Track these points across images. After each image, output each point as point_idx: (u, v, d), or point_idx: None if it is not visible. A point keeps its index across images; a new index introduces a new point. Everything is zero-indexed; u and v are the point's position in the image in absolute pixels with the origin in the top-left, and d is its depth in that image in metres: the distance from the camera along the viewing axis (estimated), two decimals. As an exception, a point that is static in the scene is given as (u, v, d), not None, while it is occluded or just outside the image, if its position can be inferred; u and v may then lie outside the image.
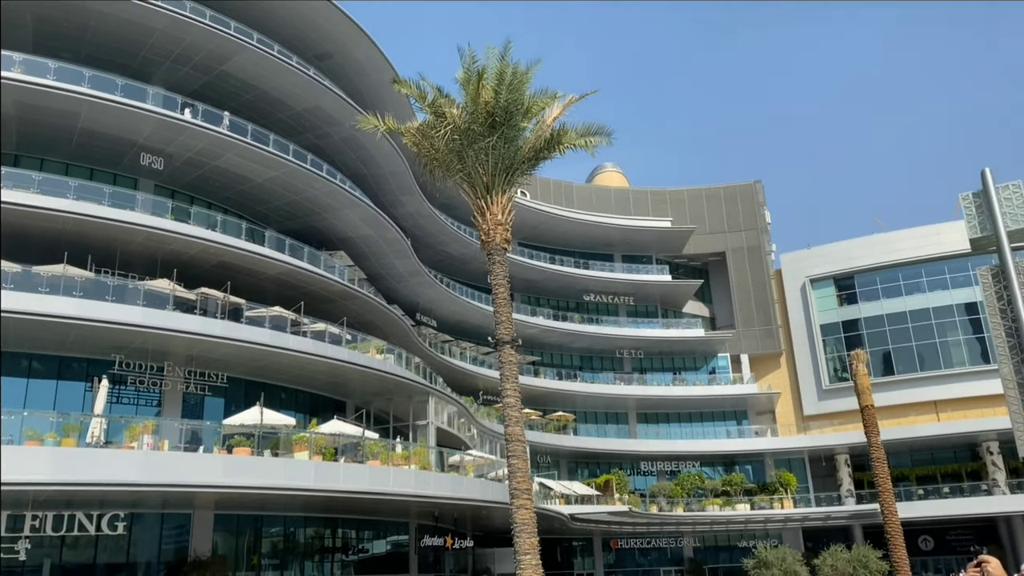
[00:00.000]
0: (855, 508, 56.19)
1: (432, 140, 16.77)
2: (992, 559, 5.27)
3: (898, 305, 64.88)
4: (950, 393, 60.52)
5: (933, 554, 58.66)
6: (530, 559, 15.16)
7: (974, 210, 10.20)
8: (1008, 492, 54.87)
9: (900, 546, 27.01)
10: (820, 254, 69.00)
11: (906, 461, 60.87)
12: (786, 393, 66.72)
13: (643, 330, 65.40)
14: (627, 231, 66.35)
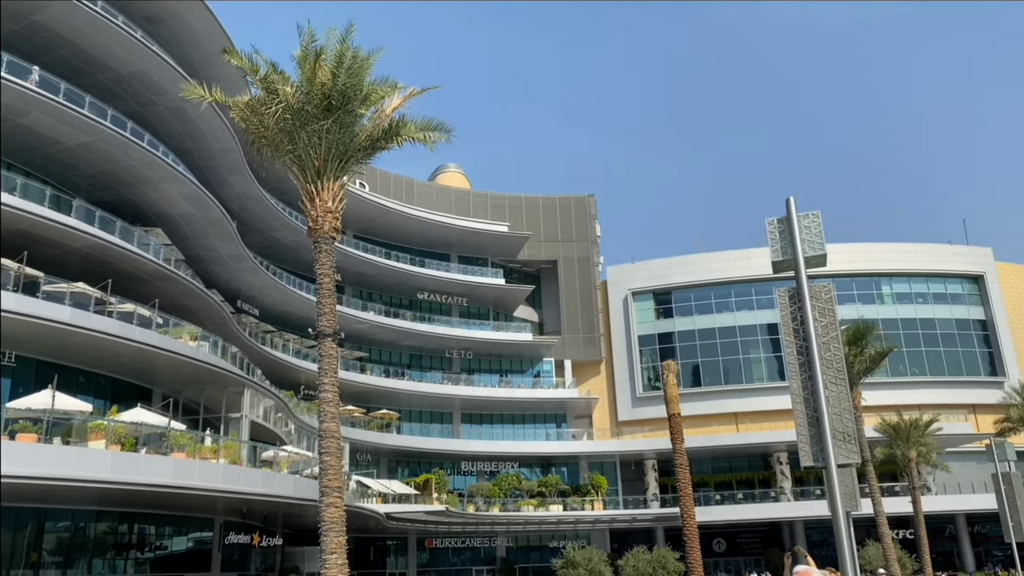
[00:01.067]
0: (659, 511, 59.36)
1: (262, 117, 15.94)
2: None
3: (709, 322, 69.39)
4: (749, 406, 65.42)
5: (725, 555, 63.05)
6: (336, 558, 14.73)
7: (777, 235, 10.90)
8: (793, 499, 59.94)
9: (696, 548, 28.73)
10: (643, 269, 72.59)
11: (707, 468, 65.07)
12: (604, 399, 69.53)
13: (474, 331, 65.95)
14: (465, 232, 66.70)
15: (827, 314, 10.48)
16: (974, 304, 72.56)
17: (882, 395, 58.17)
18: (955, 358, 69.88)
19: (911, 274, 71.46)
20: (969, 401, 67.35)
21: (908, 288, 71.65)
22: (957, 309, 71.94)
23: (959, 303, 72.28)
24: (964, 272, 72.76)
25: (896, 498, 51.73)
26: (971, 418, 66.03)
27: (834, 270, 66.91)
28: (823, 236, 10.72)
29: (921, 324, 70.36)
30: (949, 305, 71.80)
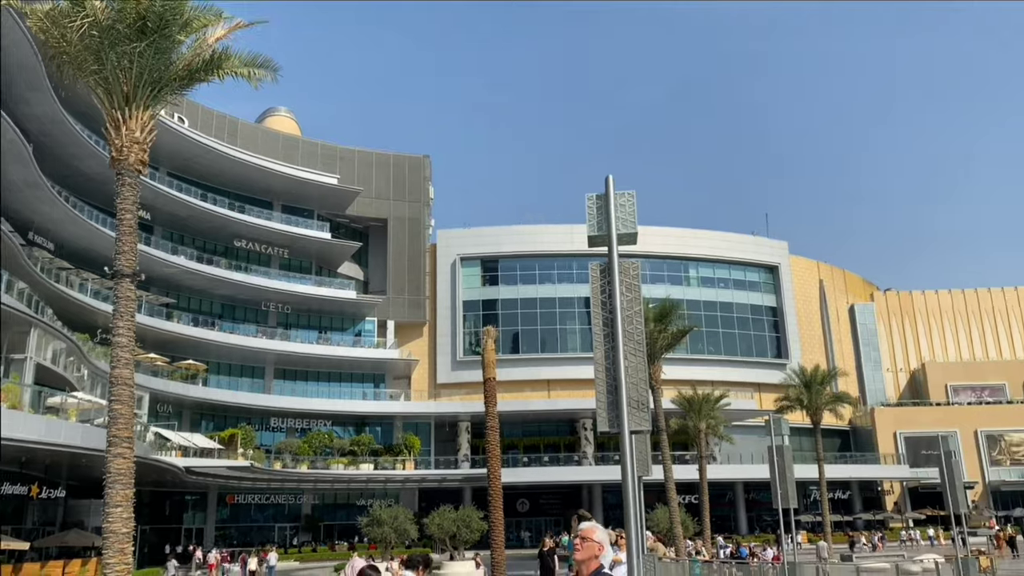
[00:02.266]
0: (468, 472, 60.73)
1: (65, 31, 14.39)
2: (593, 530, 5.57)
3: (531, 291, 71.34)
4: (562, 374, 68.09)
5: (528, 515, 65.66)
6: (121, 512, 13.85)
7: (595, 211, 11.25)
8: (594, 463, 63.29)
9: (499, 507, 29.66)
10: (473, 235, 73.26)
11: (518, 431, 67.25)
12: (424, 361, 69.84)
13: (294, 285, 63.92)
14: (291, 181, 64.19)
15: (633, 289, 10.99)
16: (768, 292, 79.29)
17: (681, 370, 62.42)
18: (747, 340, 76.18)
19: (716, 260, 76.87)
20: (756, 380, 73.82)
21: (712, 273, 77.05)
22: (753, 296, 78.32)
23: (755, 290, 78.70)
24: (762, 262, 79.23)
25: (686, 466, 55.89)
26: (756, 396, 72.45)
27: (649, 251, 70.71)
28: (636, 215, 11.19)
29: (721, 307, 76.01)
30: (747, 291, 78.04)
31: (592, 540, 5.34)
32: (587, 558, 5.33)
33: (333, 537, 59.34)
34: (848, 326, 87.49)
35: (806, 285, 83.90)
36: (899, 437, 76.72)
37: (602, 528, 5.60)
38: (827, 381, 58.46)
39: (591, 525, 5.55)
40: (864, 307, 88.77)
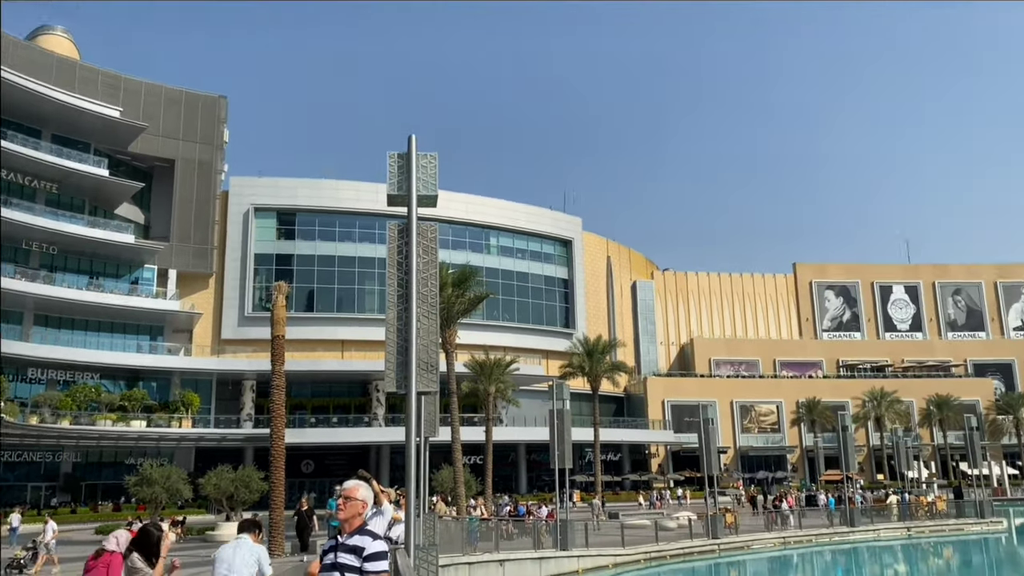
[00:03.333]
0: (251, 431, 58.64)
1: None
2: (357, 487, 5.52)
3: (330, 249, 69.57)
4: (357, 335, 67.25)
5: (313, 476, 64.59)
6: None
7: (396, 170, 11.12)
8: (384, 425, 63.35)
9: (280, 468, 29.00)
10: (270, 185, 70.02)
11: (307, 392, 65.79)
12: (209, 315, 66.19)
13: (63, 224, 57.96)
14: (65, 108, 57.89)
15: (430, 252, 11.03)
16: (561, 265, 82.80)
17: (476, 335, 63.79)
18: (539, 310, 79.26)
19: (516, 231, 78.99)
20: (544, 347, 77.07)
21: (511, 243, 79.16)
22: (547, 267, 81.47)
23: (550, 262, 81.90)
24: (558, 236, 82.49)
25: (473, 427, 57.37)
26: (544, 362, 75.71)
27: (452, 216, 71.28)
28: (437, 178, 11.20)
29: (517, 276, 78.39)
30: (542, 263, 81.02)
31: (355, 499, 5.36)
32: (350, 516, 5.35)
33: (96, 497, 55.16)
34: (630, 301, 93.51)
35: (595, 260, 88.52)
36: (667, 405, 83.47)
37: (366, 486, 5.60)
38: (608, 351, 62.34)
39: (354, 483, 5.55)
40: (645, 284, 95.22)
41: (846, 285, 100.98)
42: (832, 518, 45.01)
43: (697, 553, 35.53)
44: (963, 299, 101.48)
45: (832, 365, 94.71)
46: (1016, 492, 74.98)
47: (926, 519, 47.43)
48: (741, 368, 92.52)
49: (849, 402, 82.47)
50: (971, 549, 42.88)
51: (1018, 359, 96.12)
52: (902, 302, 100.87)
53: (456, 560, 25.74)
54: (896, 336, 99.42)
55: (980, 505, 49.15)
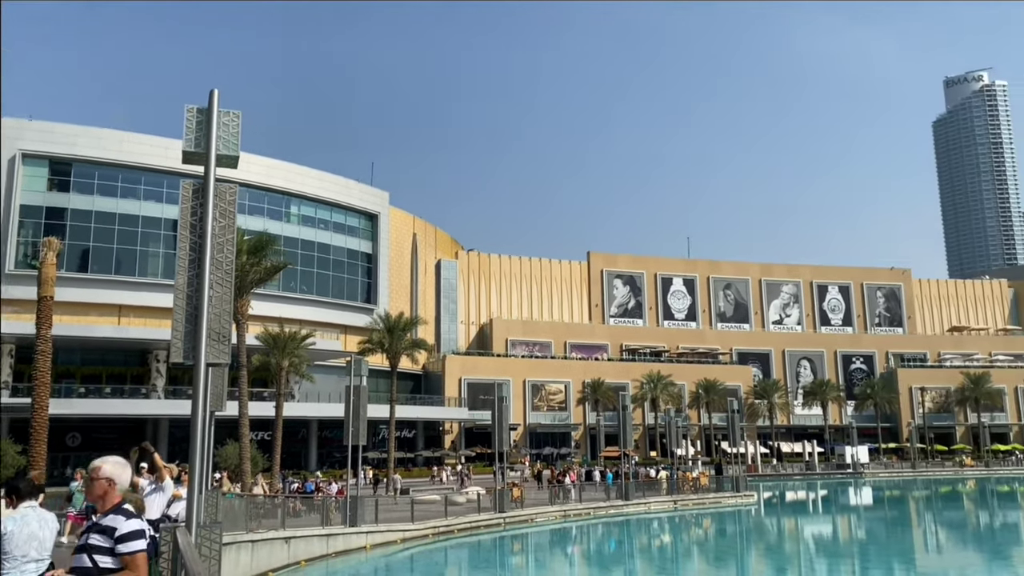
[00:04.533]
0: (8, 401, 52.79)
1: None
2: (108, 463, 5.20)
3: (111, 205, 63.91)
4: (138, 300, 62.43)
5: (80, 450, 59.29)
6: None
7: (195, 125, 10.37)
8: (164, 397, 59.41)
9: (42, 441, 26.43)
10: (43, 130, 63.02)
11: (77, 359, 60.27)
12: (-40, 270, 58.63)
13: None
14: None
15: (228, 215, 10.39)
16: (365, 239, 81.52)
17: (271, 306, 61.37)
18: (340, 283, 77.64)
19: (320, 201, 76.67)
20: (344, 322, 75.68)
21: (314, 213, 76.76)
22: (351, 240, 79.90)
23: (354, 235, 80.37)
24: (364, 209, 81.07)
25: (264, 403, 55.32)
26: (342, 337, 74.34)
27: (250, 180, 67.85)
28: (239, 138, 10.56)
29: (319, 248, 76.21)
30: (345, 236, 79.31)
31: (99, 479, 5.09)
32: (98, 496, 5.08)
33: None
34: (433, 279, 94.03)
35: (401, 237, 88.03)
36: (464, 383, 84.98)
37: (114, 462, 5.29)
38: (409, 328, 62.26)
39: (99, 461, 5.24)
40: (449, 263, 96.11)
41: (633, 275, 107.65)
42: (609, 492, 48.06)
43: (484, 527, 36.61)
44: (732, 293, 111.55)
45: (617, 349, 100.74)
46: (766, 469, 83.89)
47: (691, 493, 51.92)
48: (535, 349, 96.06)
49: (629, 383, 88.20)
50: (727, 519, 47.49)
51: (775, 349, 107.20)
52: (680, 293, 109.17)
53: (239, 538, 24.77)
54: (674, 324, 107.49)
55: (736, 480, 54.56)
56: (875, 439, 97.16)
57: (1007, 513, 56.96)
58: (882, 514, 56.74)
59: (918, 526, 48.44)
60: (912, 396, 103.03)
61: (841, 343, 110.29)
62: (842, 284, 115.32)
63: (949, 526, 47.82)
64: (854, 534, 44.30)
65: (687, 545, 39.28)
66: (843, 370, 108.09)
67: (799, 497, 68.77)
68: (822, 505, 63.33)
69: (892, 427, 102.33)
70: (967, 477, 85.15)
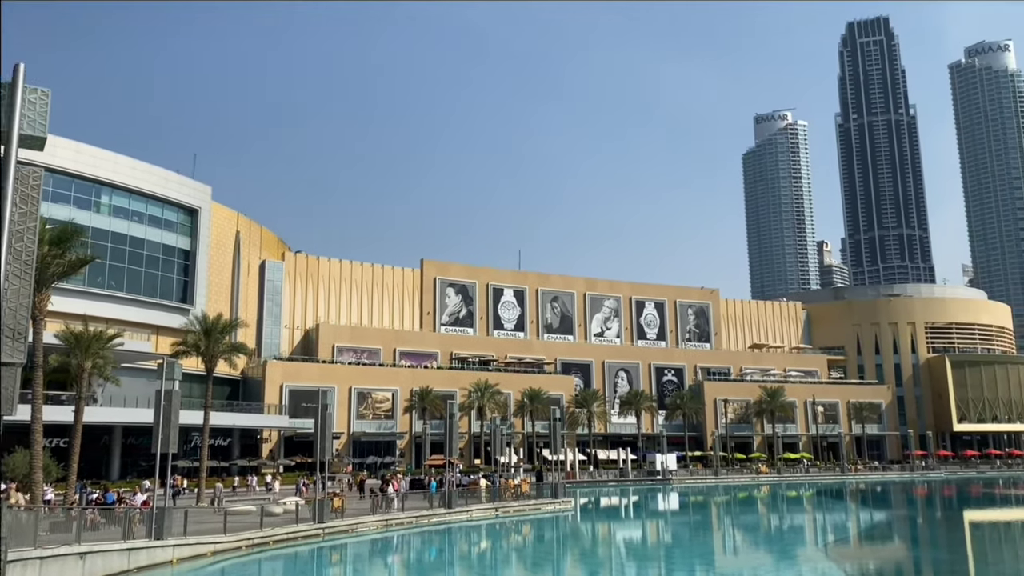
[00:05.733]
0: None
1: None
2: None
3: None
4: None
5: None
6: None
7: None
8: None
9: None
10: None
11: None
12: None
13: None
14: None
15: (30, 202, 9.55)
16: (184, 234, 77.06)
17: (75, 303, 56.66)
18: (153, 280, 72.87)
19: (134, 191, 71.69)
20: (156, 322, 71.05)
21: (128, 204, 71.68)
22: (168, 235, 75.25)
23: (171, 230, 75.76)
24: (183, 203, 76.62)
25: (61, 406, 50.82)
26: (154, 338, 69.75)
27: (56, 164, 62.51)
28: (48, 118, 9.72)
29: (131, 242, 71.19)
30: (161, 230, 74.58)
31: None
32: None
33: None
34: (257, 280, 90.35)
35: (224, 234, 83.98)
36: (285, 389, 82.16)
37: None
38: (228, 331, 59.37)
39: None
40: (275, 264, 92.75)
41: (465, 284, 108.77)
42: (432, 500, 48.10)
43: (302, 538, 35.56)
44: (559, 306, 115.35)
45: (447, 357, 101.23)
46: (584, 476, 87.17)
47: (512, 500, 52.96)
48: (363, 356, 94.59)
49: (457, 392, 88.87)
50: (545, 525, 48.88)
51: (596, 361, 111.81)
52: (510, 304, 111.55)
53: (26, 555, 22.58)
54: (503, 334, 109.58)
55: (555, 487, 56.28)
56: (683, 447, 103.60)
57: (794, 516, 62.49)
58: (687, 518, 60.50)
59: (718, 529, 52.07)
60: (716, 407, 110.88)
61: (655, 356, 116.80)
62: (658, 301, 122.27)
63: (744, 528, 51.77)
64: (661, 537, 46.95)
65: (505, 552, 40.02)
66: (656, 382, 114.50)
67: (613, 503, 71.97)
68: (633, 510, 66.63)
69: (698, 436, 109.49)
70: (762, 483, 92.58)
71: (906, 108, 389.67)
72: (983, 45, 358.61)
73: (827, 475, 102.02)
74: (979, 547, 41.85)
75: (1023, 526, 55.35)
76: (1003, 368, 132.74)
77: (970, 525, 54.59)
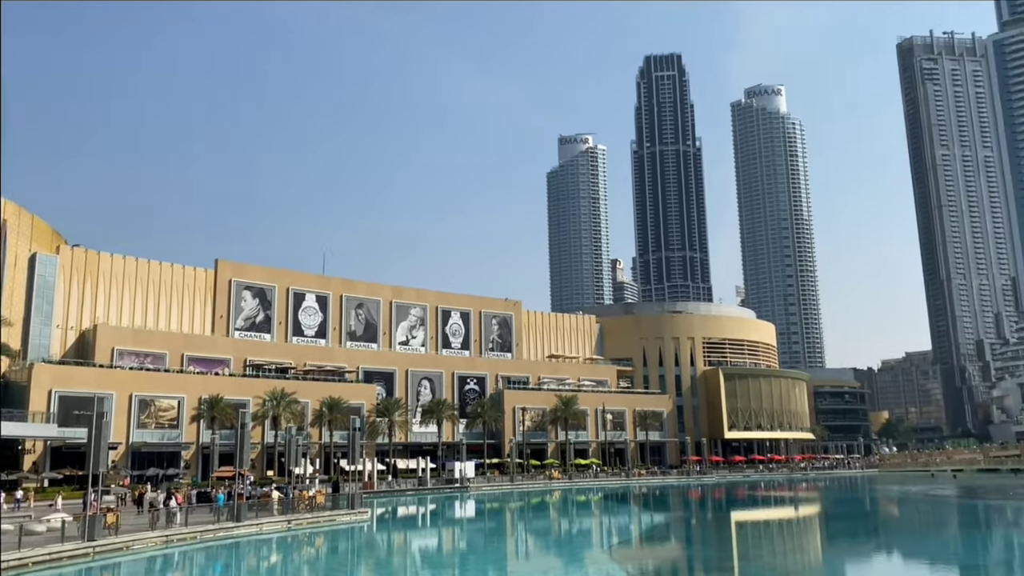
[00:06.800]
0: None
1: None
2: None
3: None
4: None
5: None
6: None
7: None
8: None
9: None
10: None
11: None
12: None
13: None
14: None
15: None
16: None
17: None
18: None
19: None
20: None
21: None
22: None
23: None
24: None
25: None
26: None
27: None
28: None
29: None
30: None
31: None
32: None
33: None
34: (25, 274, 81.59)
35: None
36: (55, 395, 74.70)
37: None
38: (-13, 330, 53.13)
39: None
40: (47, 258, 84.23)
41: (264, 288, 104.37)
42: (220, 514, 45.57)
43: (68, 558, 32.46)
44: (364, 313, 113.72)
45: (240, 364, 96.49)
46: (382, 485, 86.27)
47: (306, 512, 51.35)
48: (147, 360, 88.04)
49: (251, 400, 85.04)
50: (340, 537, 47.83)
51: (399, 369, 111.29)
52: (312, 309, 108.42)
53: None
54: (303, 341, 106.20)
55: (352, 498, 55.28)
56: (482, 455, 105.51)
57: (583, 520, 65.46)
58: (481, 525, 61.57)
59: (511, 535, 53.45)
60: (515, 415, 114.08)
61: (459, 365, 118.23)
62: (464, 311, 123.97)
63: (536, 533, 53.56)
64: (456, 544, 47.45)
65: (296, 565, 38.70)
66: (459, 390, 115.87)
67: (410, 512, 71.80)
68: (430, 519, 66.84)
69: (497, 444, 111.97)
70: (554, 488, 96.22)
71: (693, 140, 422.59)
72: (760, 88, 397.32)
73: (614, 480, 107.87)
74: (743, 544, 45.98)
75: (779, 523, 61.43)
76: (767, 381, 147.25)
77: (736, 524, 59.84)
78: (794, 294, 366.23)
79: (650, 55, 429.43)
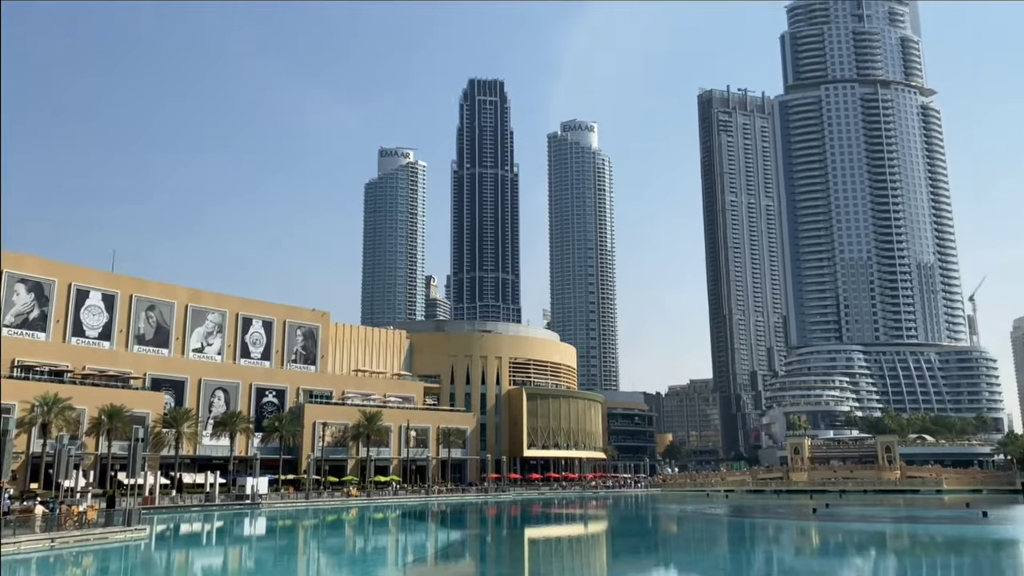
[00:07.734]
0: None
1: None
2: None
3: None
4: None
5: None
6: None
7: None
8: None
9: None
10: None
11: None
12: None
13: None
14: None
15: None
16: None
17: None
18: None
19: None
20: None
21: None
22: None
23: None
24: None
25: None
26: None
27: None
28: None
29: None
30: None
31: None
32: None
33: None
34: None
35: None
36: None
37: None
38: None
39: None
40: None
41: (42, 281, 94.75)
42: (-32, 533, 40.52)
43: None
44: (155, 315, 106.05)
45: (8, 364, 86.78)
46: (164, 500, 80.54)
47: (74, 529, 46.87)
48: None
49: (17, 405, 76.81)
50: (111, 556, 44.00)
51: (192, 377, 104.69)
52: (97, 308, 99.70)
53: None
54: (84, 342, 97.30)
55: (129, 514, 51.16)
56: (277, 470, 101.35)
57: (378, 538, 64.58)
58: (272, 543, 59.09)
59: (302, 553, 51.67)
60: (315, 430, 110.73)
61: (258, 376, 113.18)
62: (267, 319, 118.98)
63: (328, 552, 52.14)
64: (243, 564, 45.15)
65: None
66: (256, 402, 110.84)
67: (194, 529, 67.55)
68: (216, 536, 63.24)
69: (294, 459, 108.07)
70: (351, 506, 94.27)
71: (511, 165, 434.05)
72: (575, 123, 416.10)
73: (413, 497, 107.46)
74: (534, 561, 47.30)
75: (568, 540, 63.82)
76: (567, 401, 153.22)
77: (528, 541, 61.47)
78: (595, 319, 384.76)
79: (474, 79, 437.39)
